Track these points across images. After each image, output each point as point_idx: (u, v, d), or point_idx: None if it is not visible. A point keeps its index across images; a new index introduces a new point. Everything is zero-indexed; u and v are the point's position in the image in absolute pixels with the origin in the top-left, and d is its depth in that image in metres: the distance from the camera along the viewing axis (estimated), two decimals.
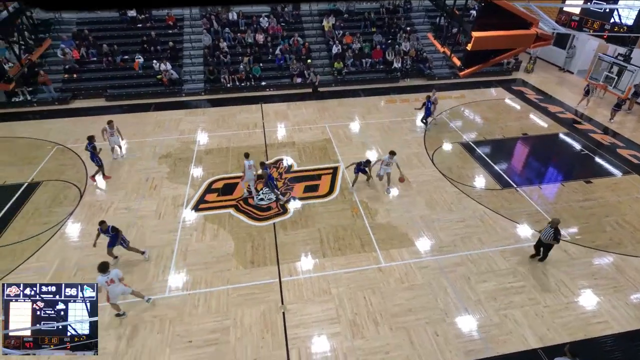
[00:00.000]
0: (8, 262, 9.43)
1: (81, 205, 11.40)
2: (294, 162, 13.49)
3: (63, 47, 18.92)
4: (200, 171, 12.98)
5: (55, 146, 14.45)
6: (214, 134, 15.40)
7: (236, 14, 21.53)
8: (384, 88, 19.90)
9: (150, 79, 19.02)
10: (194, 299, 8.50)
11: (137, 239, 10.08)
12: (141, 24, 20.87)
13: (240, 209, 11.22)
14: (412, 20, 23.17)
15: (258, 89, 19.48)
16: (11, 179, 12.58)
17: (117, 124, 13.67)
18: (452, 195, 11.77)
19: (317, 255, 9.63)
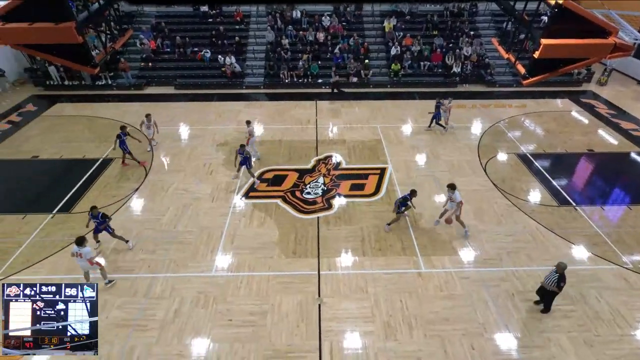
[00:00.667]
0: (81, 227, 10.39)
1: (145, 183, 12.26)
2: (342, 159, 13.50)
3: (142, 38, 20.36)
4: (252, 160, 13.39)
5: (129, 127, 15.62)
6: (269, 126, 15.81)
7: (300, 12, 21.85)
8: (440, 92, 19.23)
9: (216, 71, 19.90)
10: (237, 281, 8.84)
11: (191, 219, 10.65)
12: (212, 19, 21.87)
13: (287, 201, 11.45)
14: (476, 25, 22.12)
15: (314, 86, 19.68)
16: (90, 154, 13.82)
17: (181, 111, 14.48)
18: (503, 208, 11.15)
19: (357, 253, 9.59)
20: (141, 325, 7.88)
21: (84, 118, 16.57)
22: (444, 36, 21.18)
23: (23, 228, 10.46)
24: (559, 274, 7.42)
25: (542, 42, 6.95)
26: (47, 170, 13.13)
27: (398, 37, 21.05)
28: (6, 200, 11.59)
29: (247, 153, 11.77)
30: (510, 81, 20.02)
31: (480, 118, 16.55)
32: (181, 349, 7.42)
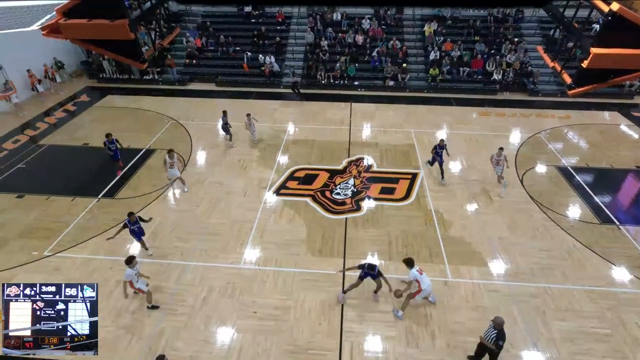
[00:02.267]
0: (123, 213, 10.93)
1: (184, 174, 12.69)
2: (374, 162, 13.37)
3: (188, 36, 21.11)
4: (286, 159, 13.55)
5: (171, 121, 16.26)
6: (303, 126, 15.93)
7: (340, 14, 21.85)
8: (478, 99, 18.62)
9: (255, 70, 20.29)
10: (263, 275, 8.98)
11: (224, 212, 10.93)
12: (254, 19, 22.31)
13: (316, 200, 11.49)
14: (521, 31, 21.21)
15: (350, 88, 19.62)
16: (134, 144, 14.49)
17: (222, 107, 14.84)
18: (539, 221, 10.63)
19: (383, 257, 9.47)
20: (171, 309, 8.17)
21: (131, 110, 17.40)
22: (486, 42, 20.47)
23: (72, 210, 11.14)
24: (497, 330, 6.39)
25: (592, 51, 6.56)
26: (96, 157, 13.91)
27: (438, 41, 20.57)
28: (58, 183, 12.38)
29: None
30: (555, 91, 19.05)
31: (520, 127, 15.87)
32: (207, 335, 7.63)
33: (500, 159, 11.29)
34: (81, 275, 9.00)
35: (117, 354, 7.28)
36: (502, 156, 11.25)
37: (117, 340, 7.59)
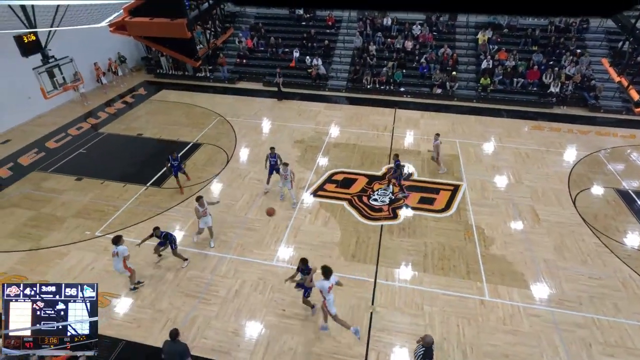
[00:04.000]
0: (168, 201, 11.51)
1: (226, 169, 13.14)
2: (414, 171, 13.08)
3: (240, 36, 21.85)
4: (325, 161, 13.62)
5: (218, 117, 16.89)
6: (345, 129, 15.92)
7: (390, 19, 21.64)
8: (532, 112, 17.66)
9: (302, 72, 20.58)
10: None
11: (261, 209, 11.16)
12: (305, 22, 22.66)
13: (353, 204, 11.43)
14: (585, 42, 19.88)
15: (396, 93, 19.35)
16: (183, 137, 15.21)
17: (265, 106, 15.19)
18: (591, 247, 9.88)
19: (417, 268, 9.23)
20: (205, 298, 8.47)
21: (183, 105, 18.29)
22: (545, 52, 19.39)
23: (123, 195, 11.89)
24: (424, 348, 6.06)
25: None
26: (148, 147, 14.76)
27: (491, 50, 19.77)
28: (113, 169, 13.26)
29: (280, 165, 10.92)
30: (619, 107, 17.65)
31: (576, 144, 14.86)
32: (236, 327, 7.82)
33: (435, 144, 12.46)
34: None
35: (152, 335, 7.65)
36: (437, 141, 12.41)
37: (154, 322, 7.98)
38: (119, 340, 7.62)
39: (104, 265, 9.36)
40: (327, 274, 6.95)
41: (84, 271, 9.22)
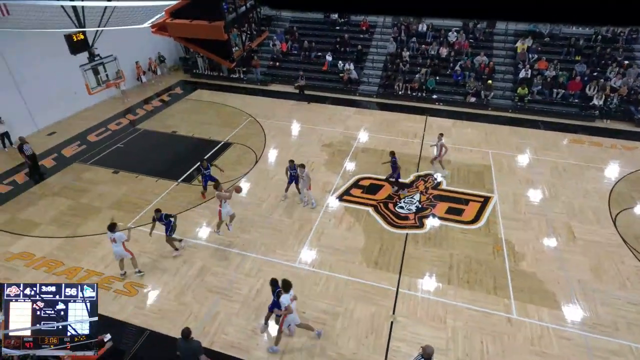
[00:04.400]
0: (197, 198, 11.82)
1: (254, 169, 13.36)
2: (444, 180, 12.80)
3: (275, 39, 22.22)
4: (353, 166, 13.57)
5: (249, 118, 17.23)
6: (375, 135, 15.81)
7: (426, 26, 21.35)
8: (572, 125, 16.87)
9: (333, 76, 20.65)
10: (316, 277, 9.06)
11: (287, 210, 11.26)
12: (339, 26, 22.76)
13: (378, 211, 11.32)
14: (633, 53, 18.81)
15: (428, 101, 19.04)
16: (214, 136, 15.61)
17: (296, 109, 15.26)
18: (631, 270, 9.29)
19: (442, 280, 9.01)
20: (227, 295, 8.62)
21: (215, 104, 18.78)
22: (588, 63, 18.51)
23: (155, 189, 12.33)
24: (424, 359, 6.00)
25: None
26: (181, 144, 15.25)
27: (531, 59, 19.09)
28: (147, 164, 13.79)
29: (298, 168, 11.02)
30: None
31: (619, 161, 14.05)
32: (256, 326, 7.91)
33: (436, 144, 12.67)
34: (155, 249, 9.90)
35: (176, 327, 7.85)
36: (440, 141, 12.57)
37: (178, 314, 8.21)
38: (144, 330, 7.88)
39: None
40: (288, 288, 6.95)
41: (115, 261, 9.60)
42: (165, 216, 9.33)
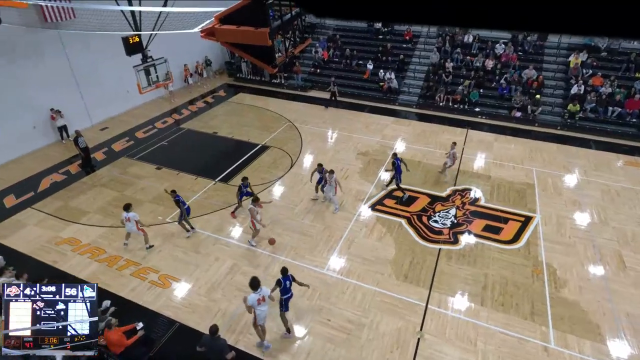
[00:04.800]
0: (233, 198, 12.13)
1: (289, 174, 13.54)
2: (482, 196, 12.33)
3: (317, 47, 22.53)
4: (388, 176, 13.40)
5: (288, 122, 17.52)
6: (412, 146, 15.55)
7: (472, 37, 20.82)
8: (627, 146, 15.72)
9: (373, 84, 20.59)
10: (344, 285, 9.00)
11: (318, 215, 11.30)
12: (382, 35, 22.71)
13: (411, 223, 11.09)
14: None
15: (470, 113, 18.49)
16: (253, 138, 16.01)
17: (334, 116, 15.31)
18: None
19: (474, 300, 8.65)
20: None
21: (256, 108, 19.28)
22: None
23: (193, 187, 12.81)
24: None
25: None
26: (221, 145, 15.78)
27: (584, 74, 18.06)
28: (188, 162, 14.37)
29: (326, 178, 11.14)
30: None
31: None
32: (282, 329, 7.95)
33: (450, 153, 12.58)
34: (190, 245, 10.27)
35: (205, 322, 8.07)
36: (453, 150, 12.54)
37: (207, 310, 8.43)
38: (174, 322, 8.16)
39: (169, 250, 10.13)
40: (254, 286, 6.88)
41: (152, 252, 10.05)
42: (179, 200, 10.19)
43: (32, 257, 9.97)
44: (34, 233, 10.86)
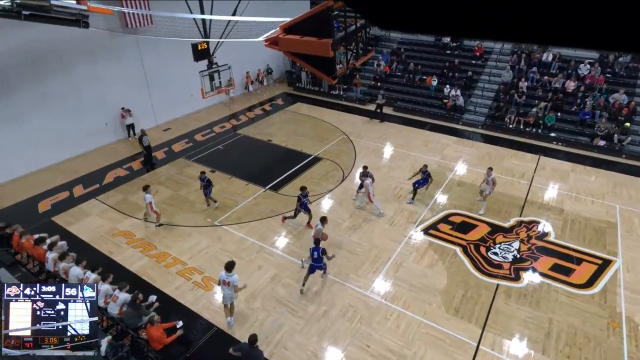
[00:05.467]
0: (281, 207, 12.42)
1: (339, 188, 13.57)
2: (552, 231, 11.41)
3: (380, 59, 22.59)
4: (444, 199, 12.93)
5: (342, 135, 17.65)
6: (474, 169, 14.88)
7: (552, 55, 19.65)
8: None
9: (436, 101, 20.13)
10: (387, 311, 8.74)
11: (366, 234, 11.16)
12: (450, 50, 22.22)
13: (467, 252, 10.54)
14: None
15: (544, 138, 17.32)
16: (306, 149, 16.32)
17: (392, 131, 15.14)
18: None
19: (534, 347, 7.95)
20: (294, 310, 8.79)
21: (312, 118, 19.68)
22: None
23: (244, 192, 13.30)
24: None
25: None
26: (274, 152, 16.27)
27: None
28: (240, 167, 14.98)
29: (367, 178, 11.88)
30: None
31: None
32: (317, 348, 7.89)
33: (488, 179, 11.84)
34: (235, 249, 10.62)
35: (241, 329, 8.25)
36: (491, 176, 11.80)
37: (246, 317, 8.62)
38: (212, 326, 8.44)
39: (215, 252, 10.55)
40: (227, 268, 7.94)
41: (199, 253, 10.53)
42: (207, 180, 11.90)
43: (91, 245, 10.91)
44: (96, 223, 11.89)
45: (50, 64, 14.48)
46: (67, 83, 15.14)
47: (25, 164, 14.45)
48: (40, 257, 9.34)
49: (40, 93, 14.45)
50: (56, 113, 14.98)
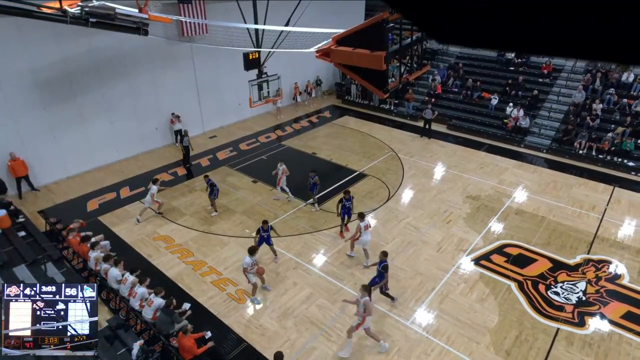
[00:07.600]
0: (320, 223, 12.42)
1: (384, 208, 13.38)
2: (626, 273, 10.45)
3: (435, 74, 22.27)
4: (500, 227, 12.31)
5: (390, 152, 17.47)
6: (536, 197, 14.07)
7: (634, 75, 18.35)
8: None
9: (496, 120, 19.42)
10: (428, 346, 8.38)
11: (410, 259, 10.86)
12: (514, 67, 21.46)
13: (524, 289, 9.90)
14: None
15: (619, 167, 16.08)
16: (351, 164, 16.32)
17: (444, 151, 14.76)
18: None
19: None
20: (327, 333, 8.69)
21: (359, 133, 19.70)
22: None
23: (284, 205, 13.50)
24: None
25: None
26: (318, 166, 16.37)
27: None
28: None
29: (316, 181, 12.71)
30: None
31: None
32: None
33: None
34: (268, 267, 10.73)
35: (271, 347, 8.25)
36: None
37: (277, 336, 8.64)
38: (242, 341, 8.52)
39: None
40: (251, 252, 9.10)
41: (235, 264, 10.76)
42: (211, 184, 12.60)
43: (132, 247, 11.52)
44: (138, 225, 12.57)
45: (112, 70, 15.76)
46: (126, 88, 16.36)
47: (80, 164, 15.68)
48: (85, 254, 10.01)
49: (101, 97, 15.71)
50: (113, 116, 16.20)
